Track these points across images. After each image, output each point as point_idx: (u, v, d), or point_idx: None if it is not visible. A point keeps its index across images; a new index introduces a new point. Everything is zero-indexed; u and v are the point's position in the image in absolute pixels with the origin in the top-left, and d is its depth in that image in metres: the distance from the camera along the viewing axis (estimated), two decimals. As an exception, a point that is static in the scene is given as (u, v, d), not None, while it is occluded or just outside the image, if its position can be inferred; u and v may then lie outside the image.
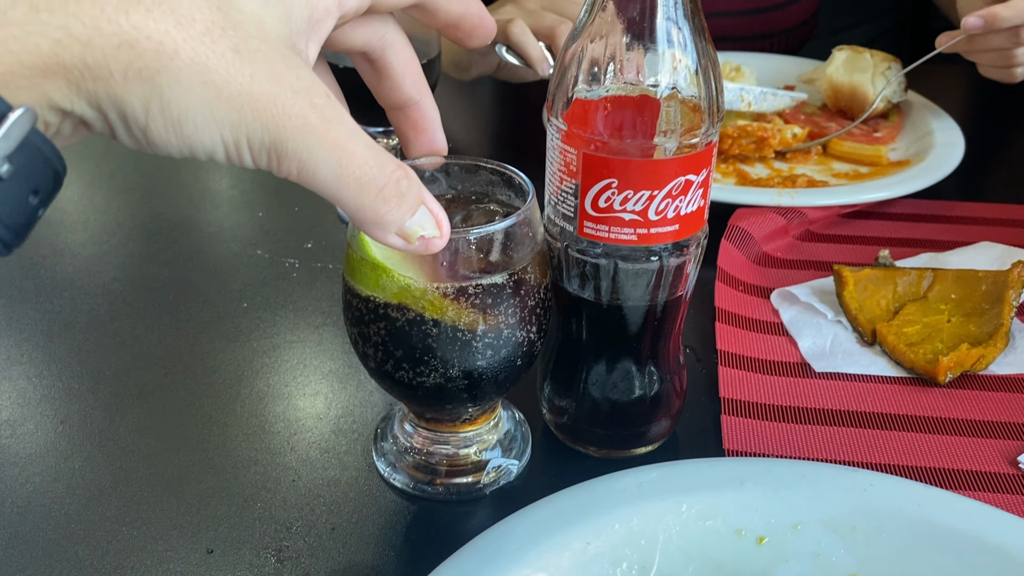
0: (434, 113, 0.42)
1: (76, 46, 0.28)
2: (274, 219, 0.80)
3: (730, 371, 0.60)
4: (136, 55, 0.29)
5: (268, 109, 0.31)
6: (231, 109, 0.30)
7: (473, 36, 0.41)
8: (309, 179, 0.33)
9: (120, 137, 0.31)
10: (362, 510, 0.51)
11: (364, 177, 0.33)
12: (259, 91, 0.30)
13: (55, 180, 0.31)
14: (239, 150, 0.31)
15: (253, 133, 0.31)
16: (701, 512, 0.45)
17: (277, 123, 0.31)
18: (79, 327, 0.65)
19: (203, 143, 0.31)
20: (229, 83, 0.30)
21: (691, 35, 0.43)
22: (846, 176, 0.85)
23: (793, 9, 1.21)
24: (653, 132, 0.44)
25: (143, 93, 0.29)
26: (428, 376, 0.46)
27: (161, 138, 0.30)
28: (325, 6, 0.34)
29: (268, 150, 0.31)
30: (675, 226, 0.46)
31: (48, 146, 0.30)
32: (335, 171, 0.32)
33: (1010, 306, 0.63)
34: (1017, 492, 0.52)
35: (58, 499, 0.51)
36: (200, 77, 0.29)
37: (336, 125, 0.32)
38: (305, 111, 0.31)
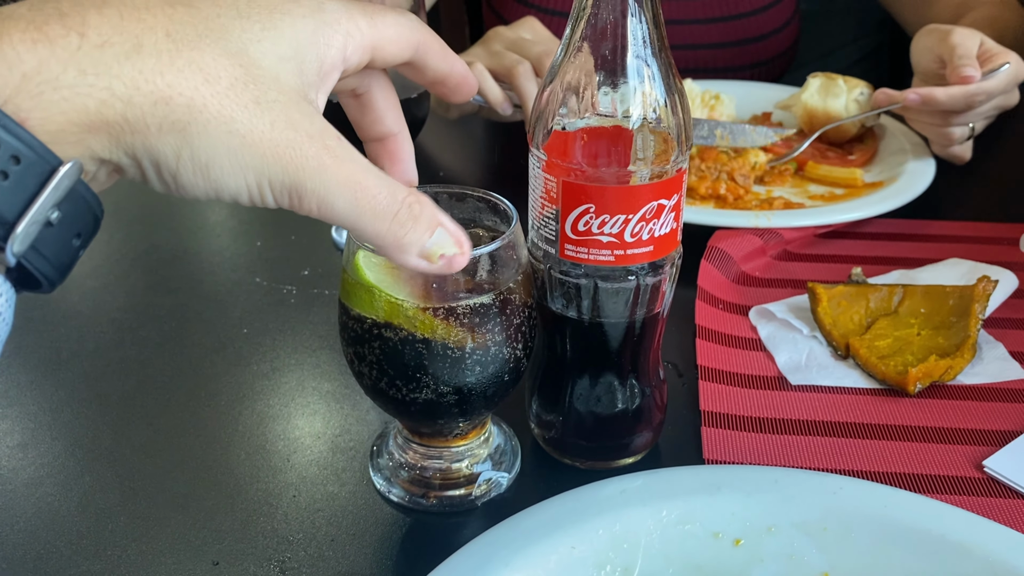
0: (408, 145, 0.45)
1: (118, 104, 0.31)
2: (272, 248, 0.83)
3: (710, 385, 0.63)
4: (170, 110, 0.32)
5: (287, 153, 0.34)
6: (254, 155, 0.33)
7: (457, 92, 0.44)
8: (328, 213, 0.36)
9: (151, 182, 0.34)
10: (360, 523, 0.53)
11: (379, 206, 0.36)
12: (278, 138, 0.34)
13: (95, 223, 0.34)
14: (262, 192, 0.34)
15: (274, 176, 0.34)
16: (680, 517, 0.48)
17: (296, 165, 0.34)
18: (86, 354, 0.68)
19: (228, 187, 0.34)
20: (251, 131, 0.33)
21: (659, 71, 0.46)
22: (821, 198, 0.88)
23: (772, 41, 1.25)
24: (627, 161, 0.47)
25: (175, 143, 0.32)
26: (420, 392, 0.49)
27: (190, 182, 0.34)
28: (332, 62, 0.37)
29: (289, 191, 0.35)
30: (650, 247, 0.49)
31: (90, 194, 0.33)
32: (351, 204, 0.35)
33: (976, 319, 0.66)
34: (983, 495, 0.54)
35: (69, 517, 0.53)
36: (226, 127, 0.33)
37: (348, 163, 0.35)
38: (320, 153, 0.35)
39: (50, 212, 0.31)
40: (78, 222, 0.33)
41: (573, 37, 0.47)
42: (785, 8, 1.26)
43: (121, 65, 0.31)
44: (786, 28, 1.27)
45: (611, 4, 0.45)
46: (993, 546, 0.45)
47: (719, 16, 1.21)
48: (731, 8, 1.21)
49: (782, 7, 1.25)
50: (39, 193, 0.30)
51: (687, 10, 1.20)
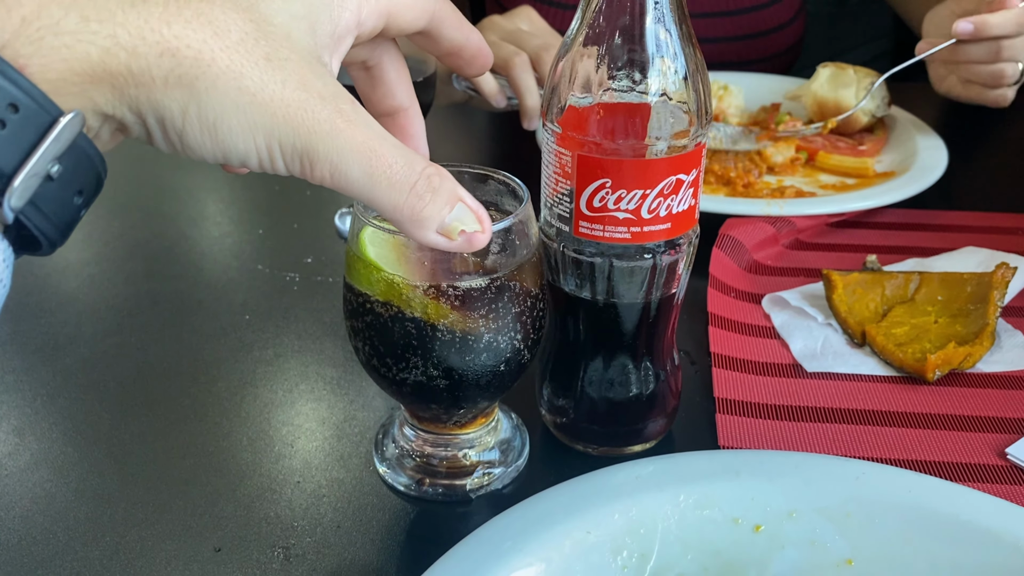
0: (419, 120, 0.44)
1: (122, 54, 0.30)
2: (274, 235, 0.82)
3: (724, 372, 0.62)
4: (176, 62, 0.30)
5: (298, 114, 0.32)
6: (264, 114, 0.32)
7: (472, 64, 0.42)
8: (342, 182, 0.34)
9: (156, 141, 0.32)
10: (366, 509, 0.51)
11: (395, 176, 0.34)
12: (290, 97, 0.32)
13: (97, 182, 0.32)
14: (271, 155, 0.33)
15: (285, 138, 0.32)
16: (698, 502, 0.46)
17: (308, 127, 0.32)
18: (84, 340, 0.67)
19: (236, 147, 0.32)
20: (262, 89, 0.31)
21: (679, 40, 0.45)
22: (833, 187, 0.87)
23: (779, 36, 1.24)
24: (644, 134, 0.46)
25: (182, 98, 0.31)
26: (409, 373, 0.47)
27: (196, 141, 0.32)
28: (346, 25, 0.36)
29: (300, 155, 0.33)
30: (667, 224, 0.48)
31: (93, 149, 0.31)
32: (367, 172, 0.33)
33: (995, 306, 0.65)
34: (1007, 482, 0.53)
35: (67, 503, 0.52)
36: (235, 83, 0.31)
37: (364, 128, 0.34)
38: (333, 116, 0.33)
39: (50, 165, 0.29)
40: (80, 178, 0.31)
41: (590, 4, 0.45)
42: (792, 3, 1.24)
43: (126, 13, 0.30)
44: (793, 23, 1.25)
45: (629, -29, 0.44)
46: (1022, 532, 0.44)
47: (726, 10, 1.20)
48: (738, 2, 1.20)
49: (789, 2, 1.24)
50: (38, 144, 0.29)
51: (693, 4, 1.19)
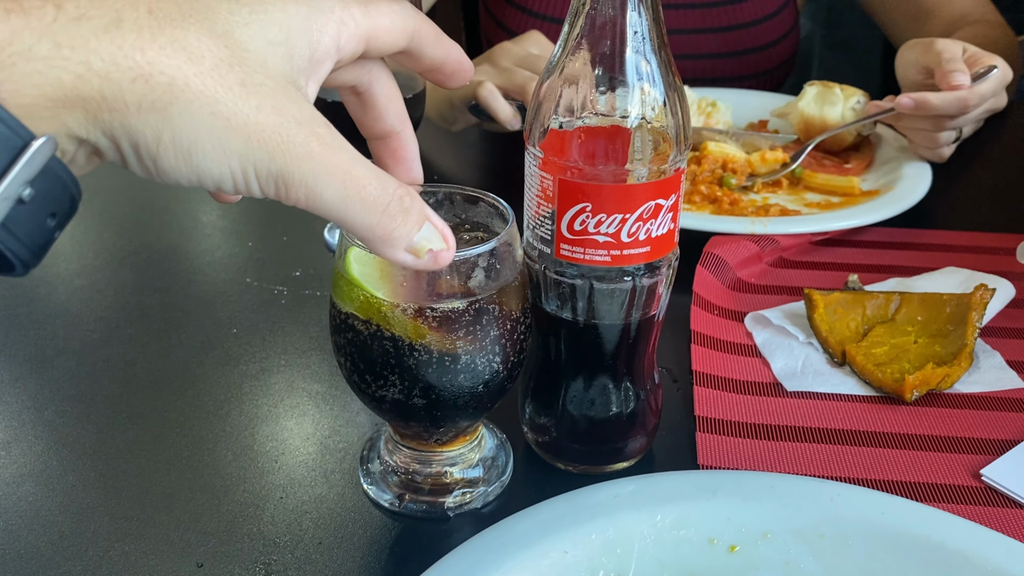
0: (412, 144, 0.44)
1: (95, 79, 0.30)
2: (263, 248, 0.82)
3: (705, 391, 0.63)
4: (150, 88, 0.31)
5: (273, 138, 0.33)
6: (238, 139, 0.32)
7: (454, 79, 0.43)
8: (317, 204, 0.34)
9: (131, 166, 0.33)
10: (348, 526, 0.52)
11: (369, 197, 0.35)
12: (264, 121, 0.32)
13: (71, 204, 0.33)
14: (247, 179, 0.33)
15: (260, 162, 0.33)
16: (675, 522, 0.47)
17: (282, 151, 0.33)
18: (72, 353, 0.67)
19: (211, 172, 0.33)
20: (236, 114, 0.32)
21: (658, 69, 0.46)
22: (817, 205, 0.88)
23: (772, 52, 1.25)
24: (625, 159, 0.46)
25: (156, 123, 0.31)
26: (388, 391, 0.48)
27: (171, 166, 0.32)
28: (324, 50, 0.36)
29: (276, 179, 0.33)
30: (647, 248, 0.48)
31: (66, 172, 0.32)
32: (341, 194, 0.34)
33: (973, 327, 0.66)
34: (981, 503, 0.54)
35: (51, 516, 0.52)
36: (209, 108, 0.32)
37: (338, 151, 0.34)
38: (308, 140, 0.33)
39: (22, 189, 0.30)
40: (53, 201, 0.31)
41: (571, 33, 0.46)
42: (785, 20, 1.26)
43: (99, 39, 0.30)
44: (785, 39, 1.27)
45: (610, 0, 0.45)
46: (992, 555, 0.45)
47: (719, 26, 1.21)
48: (731, 18, 1.21)
49: (781, 19, 1.25)
50: (10, 168, 0.29)
51: (686, 20, 1.20)
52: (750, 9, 1.21)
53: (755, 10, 1.21)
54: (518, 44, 0.91)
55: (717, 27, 1.21)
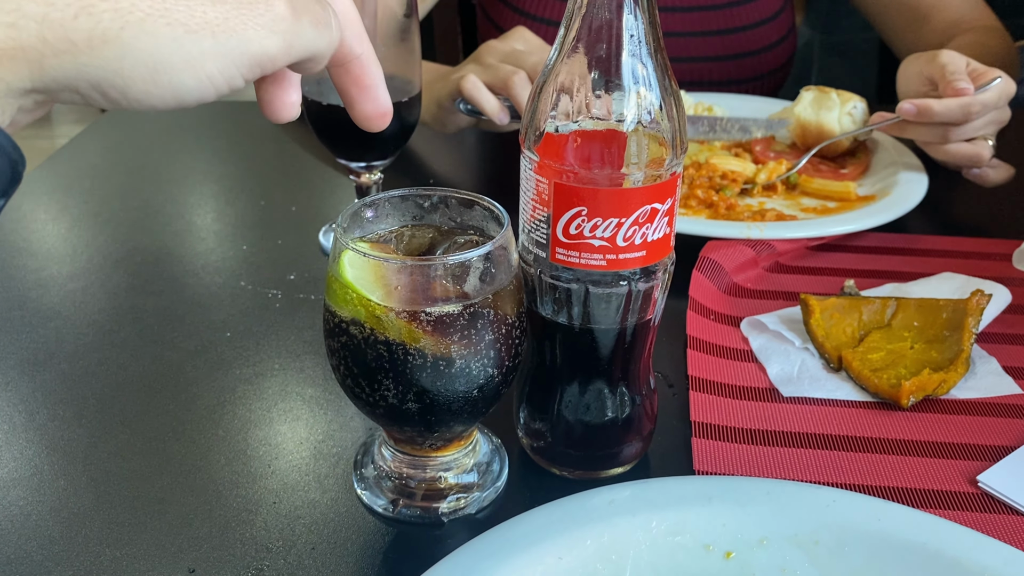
0: (376, 69, 0.41)
1: (32, 25, 0.29)
2: (257, 252, 0.82)
3: (701, 396, 0.62)
4: (95, 20, 0.29)
5: (239, 20, 0.32)
6: (203, 37, 0.31)
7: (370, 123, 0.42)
8: (306, 54, 0.35)
9: (94, 102, 0.31)
10: (341, 531, 0.52)
11: (323, 17, 0.36)
12: (223, 10, 0.31)
13: (13, 172, 0.31)
14: (229, 77, 0.32)
15: (236, 52, 0.32)
16: (670, 528, 0.47)
17: (256, 28, 0.32)
18: (64, 356, 0.67)
19: (186, 85, 0.31)
20: (192, 15, 0.31)
21: (655, 72, 0.46)
22: (814, 211, 0.88)
23: (768, 56, 1.25)
24: (621, 163, 0.46)
25: (113, 55, 0.30)
26: (382, 395, 0.48)
27: (142, 91, 0.31)
28: None
29: (259, 61, 0.33)
30: (642, 252, 0.48)
31: (4, 137, 0.30)
32: (320, 33, 0.35)
33: (970, 333, 0.65)
34: (977, 510, 0.53)
35: (42, 521, 0.52)
36: (164, 20, 0.30)
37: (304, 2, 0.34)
38: (272, 2, 0.33)
39: None
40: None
41: (567, 37, 0.46)
42: (782, 24, 1.26)
43: None
44: (782, 43, 1.27)
45: (606, 4, 0.44)
46: (989, 561, 0.44)
47: (716, 29, 1.21)
48: (727, 22, 1.21)
49: (779, 22, 1.25)
50: None
51: (684, 23, 1.20)
52: (747, 13, 1.21)
53: (752, 14, 1.22)
54: (503, 41, 0.91)
55: (713, 30, 1.21)
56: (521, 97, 0.84)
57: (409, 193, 0.52)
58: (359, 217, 0.51)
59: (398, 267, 0.46)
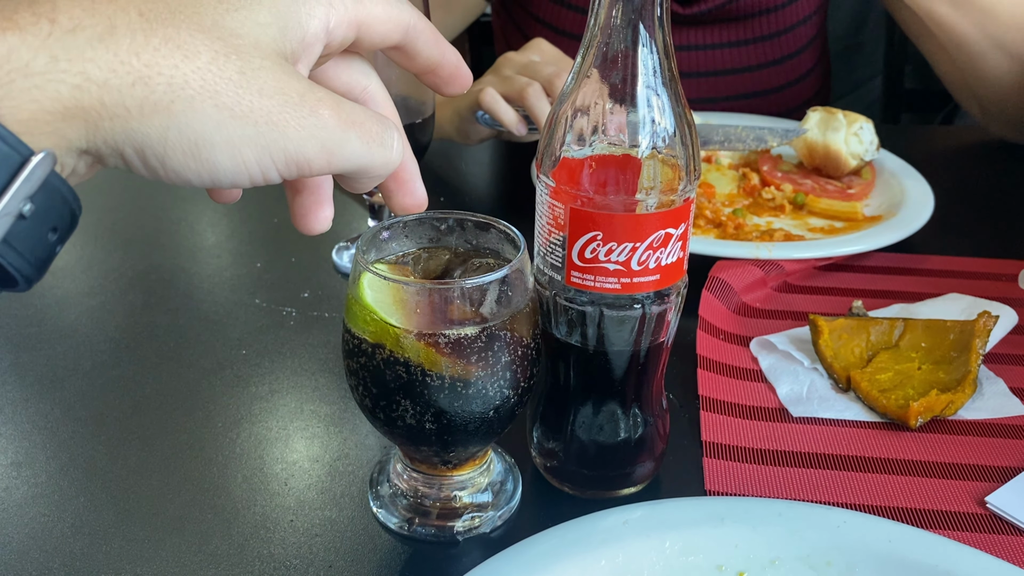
0: (413, 167, 0.43)
1: (94, 89, 0.31)
2: (272, 269, 0.83)
3: (712, 416, 0.63)
4: (150, 90, 0.31)
5: (282, 117, 0.33)
6: (247, 125, 0.33)
7: (451, 84, 0.43)
8: (341, 165, 0.36)
9: (137, 169, 0.33)
10: (358, 549, 0.52)
11: (377, 136, 0.37)
12: (269, 103, 0.33)
13: (72, 218, 0.33)
14: (264, 168, 0.34)
15: (274, 145, 0.33)
16: (683, 548, 0.48)
17: (295, 127, 0.34)
18: (83, 373, 0.67)
19: (222, 165, 0.33)
20: (239, 102, 0.32)
21: (669, 101, 0.47)
22: (821, 231, 0.89)
23: (795, 89, 1.24)
24: (635, 189, 0.47)
25: (159, 124, 0.32)
26: (400, 416, 0.48)
27: (180, 164, 0.33)
28: (314, 33, 0.37)
29: (296, 158, 0.34)
30: (656, 276, 0.49)
31: (66, 187, 0.32)
32: (361, 146, 0.36)
33: (977, 354, 0.66)
34: (985, 531, 0.54)
35: (63, 538, 0.53)
36: (212, 101, 0.32)
37: (343, 107, 0.35)
38: (316, 107, 0.34)
39: (22, 204, 0.30)
40: (53, 215, 0.32)
41: (584, 65, 0.47)
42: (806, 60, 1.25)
43: (95, 48, 0.31)
44: (809, 76, 1.26)
45: (622, 33, 0.46)
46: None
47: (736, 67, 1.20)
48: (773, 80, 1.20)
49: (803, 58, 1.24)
50: (10, 184, 0.30)
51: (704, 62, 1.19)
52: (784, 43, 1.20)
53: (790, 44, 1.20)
54: (521, 53, 0.93)
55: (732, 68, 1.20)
56: (535, 108, 0.85)
57: (426, 216, 0.53)
58: (377, 239, 0.52)
59: (417, 290, 0.47)
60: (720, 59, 1.19)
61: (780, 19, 1.18)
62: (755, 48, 1.19)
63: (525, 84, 0.86)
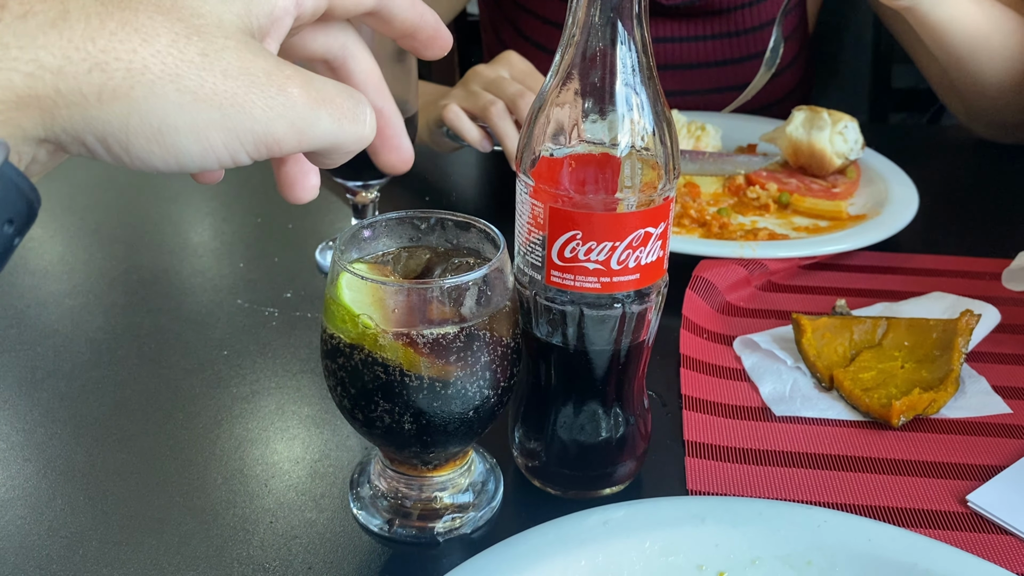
0: (397, 120, 0.43)
1: (48, 76, 0.30)
2: (254, 269, 0.82)
3: (694, 415, 0.63)
4: (107, 76, 0.30)
5: (248, 98, 0.32)
6: (211, 108, 0.32)
7: (430, 47, 0.42)
8: (311, 142, 0.35)
9: (100, 156, 0.32)
10: (338, 551, 0.52)
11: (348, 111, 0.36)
12: (234, 85, 0.32)
13: (29, 210, 0.32)
14: (232, 150, 0.33)
15: (242, 127, 0.32)
16: (664, 548, 0.47)
17: (262, 107, 0.32)
18: (62, 374, 0.67)
19: (188, 150, 0.32)
20: (202, 85, 0.31)
21: (648, 98, 0.46)
22: (805, 229, 0.89)
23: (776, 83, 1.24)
24: (614, 188, 0.47)
25: (120, 110, 0.31)
26: (378, 416, 0.48)
27: (144, 150, 0.32)
28: (284, 5, 0.36)
29: (264, 139, 0.33)
30: (636, 275, 0.49)
31: (21, 178, 0.31)
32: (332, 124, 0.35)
33: (959, 353, 0.66)
34: (966, 529, 0.54)
35: (40, 541, 0.52)
36: (174, 85, 0.31)
37: (313, 84, 0.34)
38: (284, 85, 0.33)
39: None
40: (8, 207, 0.31)
41: (562, 63, 0.47)
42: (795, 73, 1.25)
43: (47, 35, 0.30)
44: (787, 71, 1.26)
45: (600, 32, 0.45)
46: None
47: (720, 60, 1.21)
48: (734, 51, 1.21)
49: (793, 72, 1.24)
50: None
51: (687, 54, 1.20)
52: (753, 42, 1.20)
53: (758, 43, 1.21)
54: (490, 67, 0.92)
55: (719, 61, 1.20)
56: (498, 127, 0.85)
57: (406, 215, 0.53)
58: (356, 238, 0.52)
59: (395, 290, 0.47)
60: (697, 52, 1.20)
61: (757, 14, 1.19)
62: (732, 42, 1.20)
63: (489, 103, 0.86)
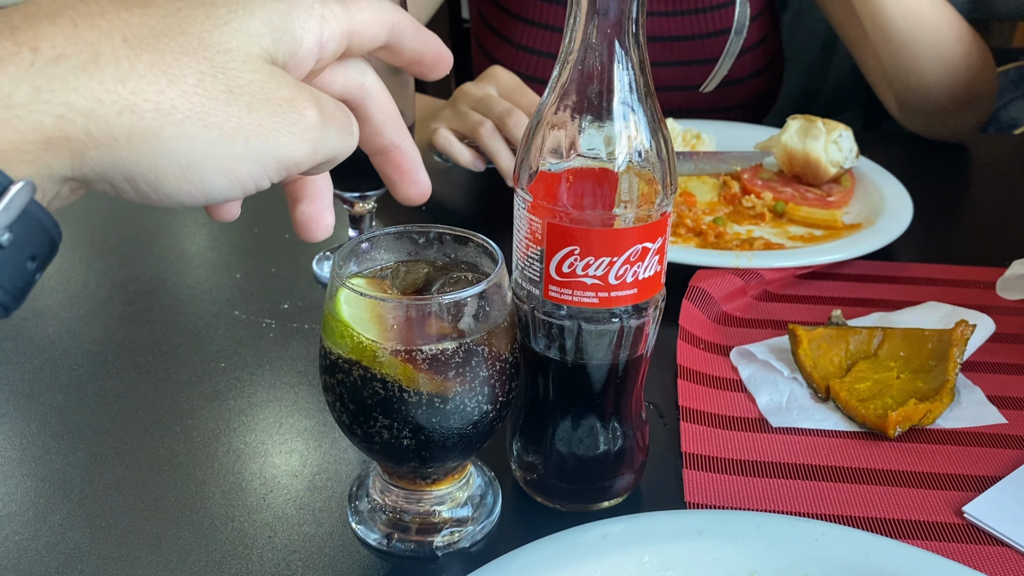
0: (415, 155, 0.44)
1: (79, 119, 0.31)
2: (251, 280, 0.82)
3: (691, 426, 0.63)
4: (137, 118, 0.31)
5: (272, 126, 0.34)
6: (237, 140, 0.33)
7: (435, 69, 0.43)
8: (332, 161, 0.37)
9: (126, 195, 0.33)
10: (336, 565, 0.52)
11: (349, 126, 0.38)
12: (258, 116, 0.33)
13: (51, 246, 0.33)
14: (256, 179, 0.34)
15: (266, 155, 0.34)
16: (662, 563, 0.48)
17: (286, 134, 0.34)
18: (59, 387, 0.67)
19: (215, 184, 0.33)
20: (228, 120, 0.33)
21: (645, 116, 0.47)
22: (801, 239, 0.89)
23: (754, 82, 1.26)
24: (612, 204, 0.47)
25: (150, 151, 0.32)
26: (377, 432, 0.48)
27: (173, 188, 0.33)
28: (308, 48, 0.37)
29: (286, 164, 0.35)
30: (634, 290, 0.49)
31: (45, 215, 0.32)
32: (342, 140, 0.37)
33: (955, 363, 0.67)
34: (962, 541, 0.54)
35: (37, 557, 0.52)
36: (201, 123, 0.32)
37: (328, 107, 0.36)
38: (304, 110, 0.35)
39: (0, 234, 0.30)
40: (32, 244, 0.32)
41: (560, 79, 0.47)
42: (766, 51, 1.28)
43: (79, 78, 0.31)
44: (767, 70, 1.28)
45: (598, 50, 0.46)
46: (974, 595, 0.45)
47: (696, 59, 1.22)
48: (713, 51, 1.23)
49: (763, 50, 1.27)
50: None
51: (664, 53, 1.22)
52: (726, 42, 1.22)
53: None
54: (477, 85, 0.92)
55: (695, 60, 1.22)
56: (489, 147, 0.86)
57: (404, 229, 0.53)
58: (355, 253, 0.52)
59: (394, 305, 0.47)
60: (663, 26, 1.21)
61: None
62: (699, 18, 1.21)
63: (478, 123, 0.86)
